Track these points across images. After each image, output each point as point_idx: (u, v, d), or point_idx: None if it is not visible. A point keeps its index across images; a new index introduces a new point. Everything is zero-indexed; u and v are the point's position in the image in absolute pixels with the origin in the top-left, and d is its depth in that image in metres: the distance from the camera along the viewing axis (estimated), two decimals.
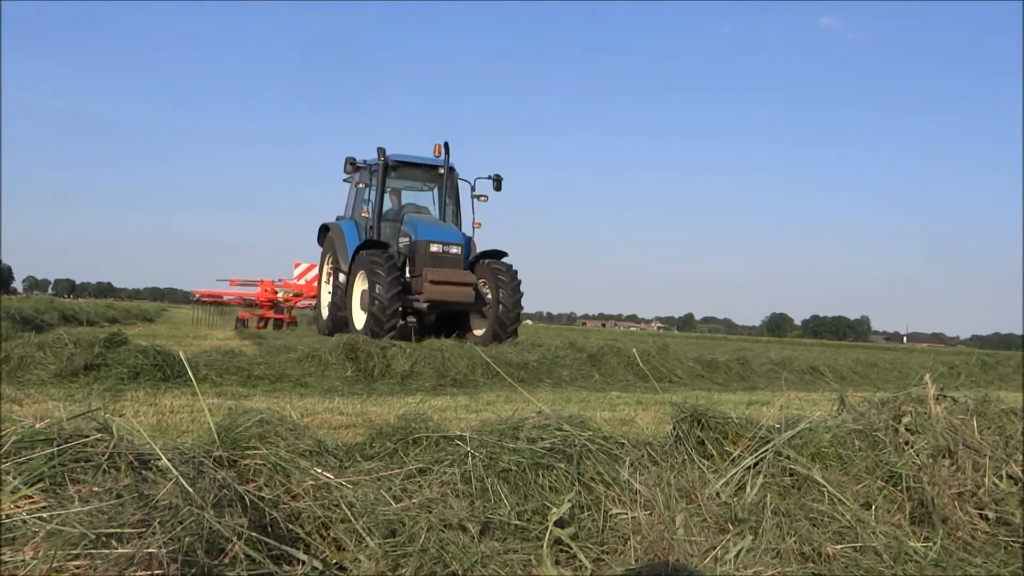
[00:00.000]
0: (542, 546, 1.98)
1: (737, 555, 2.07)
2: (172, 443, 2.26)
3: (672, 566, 2.03)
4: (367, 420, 4.55)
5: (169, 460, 1.96)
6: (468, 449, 2.37)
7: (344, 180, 15.68)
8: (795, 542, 2.15)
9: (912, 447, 2.71)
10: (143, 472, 1.95)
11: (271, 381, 6.39)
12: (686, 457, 2.54)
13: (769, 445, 2.52)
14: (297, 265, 18.53)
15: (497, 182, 14.12)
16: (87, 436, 1.96)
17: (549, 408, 2.76)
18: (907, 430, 2.81)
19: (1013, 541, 2.38)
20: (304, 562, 1.86)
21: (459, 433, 2.51)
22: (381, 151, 13.62)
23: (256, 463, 2.14)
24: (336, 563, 1.93)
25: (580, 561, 2.00)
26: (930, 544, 2.28)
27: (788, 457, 2.48)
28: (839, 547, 2.17)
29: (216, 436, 2.24)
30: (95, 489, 1.82)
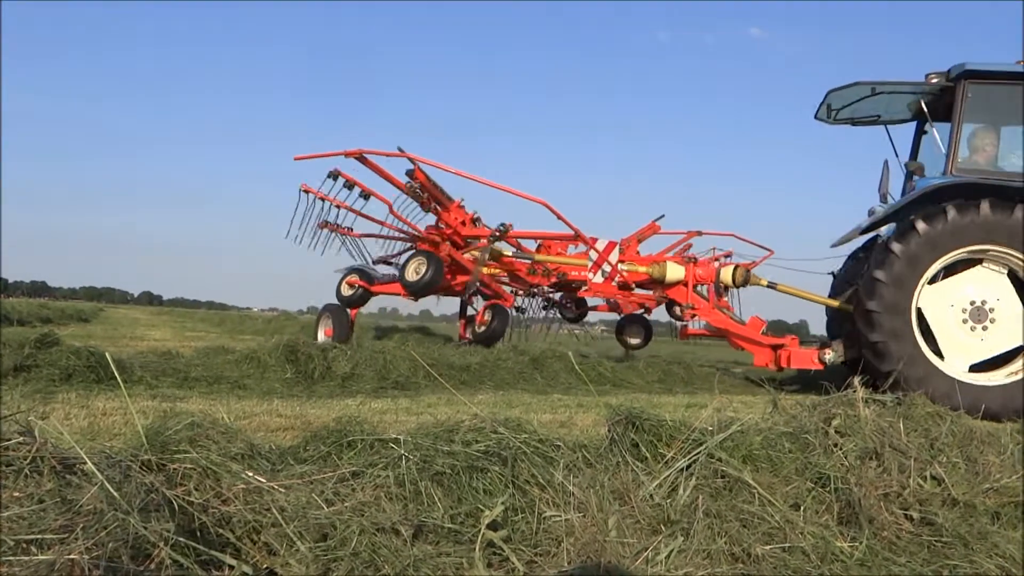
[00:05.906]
0: (475, 549, 1.99)
1: (668, 556, 2.09)
2: (99, 447, 2.21)
3: (605, 567, 2.04)
4: (305, 422, 4.49)
5: (95, 464, 1.92)
6: (402, 452, 2.36)
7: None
8: (725, 543, 2.19)
9: (841, 449, 2.77)
10: (67, 476, 1.90)
11: (208, 383, 6.28)
12: (620, 459, 2.56)
13: (702, 447, 2.55)
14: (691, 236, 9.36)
15: None
16: (8, 440, 1.91)
17: (490, 411, 2.76)
18: (836, 432, 2.88)
19: (936, 541, 2.45)
20: (233, 567, 1.83)
21: (394, 436, 2.50)
22: None
23: (185, 467, 2.11)
24: (266, 568, 1.91)
25: (513, 564, 2.01)
26: (856, 544, 2.34)
27: (720, 459, 2.52)
28: (768, 548, 2.20)
29: (145, 439, 2.20)
30: (16, 494, 1.77)
